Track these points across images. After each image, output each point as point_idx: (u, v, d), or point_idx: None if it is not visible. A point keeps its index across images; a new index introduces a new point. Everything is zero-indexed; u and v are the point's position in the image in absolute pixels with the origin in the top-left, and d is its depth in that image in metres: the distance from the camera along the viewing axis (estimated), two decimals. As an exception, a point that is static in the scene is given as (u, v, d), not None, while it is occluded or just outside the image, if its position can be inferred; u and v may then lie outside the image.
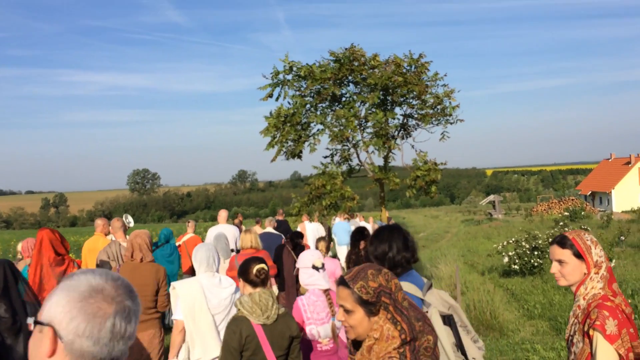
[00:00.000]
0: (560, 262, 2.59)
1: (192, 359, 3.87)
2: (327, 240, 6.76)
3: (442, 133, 7.47)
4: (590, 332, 2.38)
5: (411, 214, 63.72)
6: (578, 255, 2.54)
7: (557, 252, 2.60)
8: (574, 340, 2.51)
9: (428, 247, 26.51)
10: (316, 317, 3.61)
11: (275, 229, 10.21)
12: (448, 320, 2.61)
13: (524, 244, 13.47)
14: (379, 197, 8.05)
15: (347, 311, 1.99)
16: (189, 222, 10.35)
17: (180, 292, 3.92)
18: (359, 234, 5.87)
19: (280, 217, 12.97)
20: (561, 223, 17.83)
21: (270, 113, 7.80)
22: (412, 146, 7.61)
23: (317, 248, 6.42)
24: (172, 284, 4.08)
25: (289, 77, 7.79)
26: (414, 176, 7.20)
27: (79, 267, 5.14)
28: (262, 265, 3.31)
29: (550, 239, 15.15)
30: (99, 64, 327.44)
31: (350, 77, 7.70)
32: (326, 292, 3.72)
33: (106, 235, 6.80)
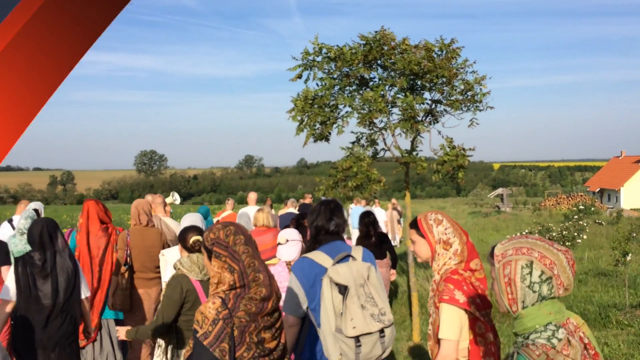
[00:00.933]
0: (412, 241, 2.83)
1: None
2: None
3: (471, 120, 7.45)
4: (438, 304, 2.57)
5: (417, 204, 63.57)
6: (421, 235, 2.76)
7: (409, 232, 2.87)
8: (430, 312, 2.70)
9: (436, 237, 26.60)
10: (279, 286, 4.05)
11: (298, 211, 10.49)
12: (344, 290, 2.93)
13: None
14: (404, 182, 8.07)
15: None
16: (228, 200, 10.87)
17: (169, 258, 4.31)
18: (364, 217, 7.00)
19: (307, 201, 13.52)
20: (575, 217, 17.84)
21: (298, 95, 7.81)
22: (439, 132, 7.60)
23: None
24: (162, 251, 4.52)
25: (319, 58, 7.79)
26: (441, 160, 7.21)
27: (119, 233, 5.40)
28: (198, 237, 3.67)
29: (564, 232, 15.17)
30: (109, 44, 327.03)
31: (379, 61, 7.69)
32: (289, 264, 4.25)
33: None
